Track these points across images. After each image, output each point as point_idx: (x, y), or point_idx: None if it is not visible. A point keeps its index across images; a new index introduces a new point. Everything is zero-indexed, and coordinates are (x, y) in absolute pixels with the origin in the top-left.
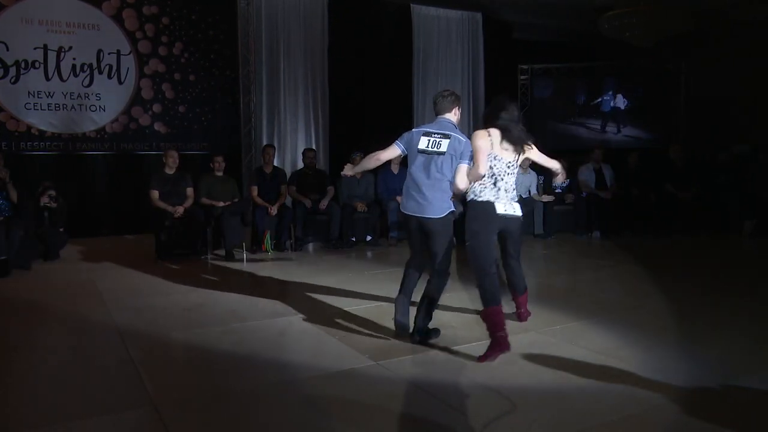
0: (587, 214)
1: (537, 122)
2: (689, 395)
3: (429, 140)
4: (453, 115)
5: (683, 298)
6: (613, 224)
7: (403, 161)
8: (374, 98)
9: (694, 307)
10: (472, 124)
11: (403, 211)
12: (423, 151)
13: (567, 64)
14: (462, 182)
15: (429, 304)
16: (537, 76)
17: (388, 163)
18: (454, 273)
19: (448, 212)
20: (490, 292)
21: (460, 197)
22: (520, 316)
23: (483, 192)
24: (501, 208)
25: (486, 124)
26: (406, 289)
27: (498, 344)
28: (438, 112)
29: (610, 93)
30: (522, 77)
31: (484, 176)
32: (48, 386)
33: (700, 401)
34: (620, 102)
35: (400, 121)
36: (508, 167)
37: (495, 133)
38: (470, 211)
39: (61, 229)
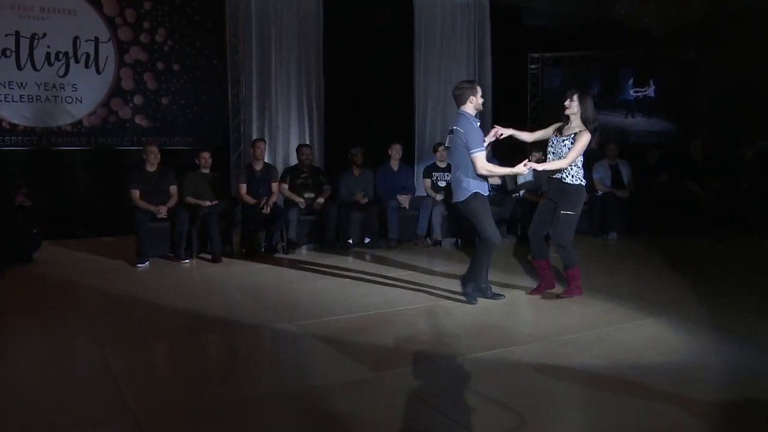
0: (602, 214)
1: (548, 115)
2: (710, 409)
3: (448, 138)
4: (468, 105)
5: (705, 304)
6: (630, 225)
7: (405, 158)
8: (373, 90)
9: (717, 313)
10: (479, 116)
11: None
12: (446, 148)
13: (580, 53)
14: (480, 170)
15: (472, 266)
16: (548, 65)
17: (388, 160)
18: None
19: (468, 196)
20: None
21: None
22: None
23: (581, 178)
24: None
25: (588, 125)
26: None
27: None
28: (457, 105)
29: (630, 83)
30: (532, 67)
31: (566, 167)
32: (22, 399)
33: (721, 416)
34: (635, 95)
35: (400, 114)
36: None
37: None
38: (577, 193)
39: (35, 231)
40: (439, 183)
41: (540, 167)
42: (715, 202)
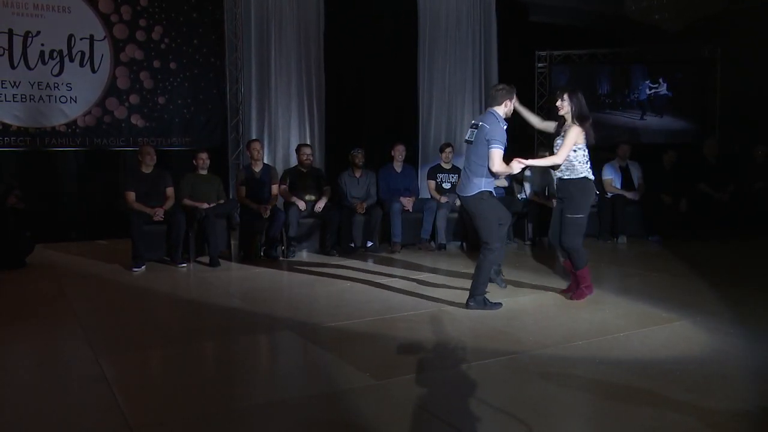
0: (612, 217)
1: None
2: (726, 419)
3: (469, 132)
4: (501, 107)
5: (720, 308)
6: (641, 228)
7: (407, 159)
8: (375, 88)
9: (733, 318)
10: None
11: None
12: (466, 141)
13: (589, 51)
14: (496, 166)
15: (475, 282)
16: (556, 63)
17: (391, 160)
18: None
19: (476, 192)
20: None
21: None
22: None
23: (586, 173)
24: None
25: (584, 121)
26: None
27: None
28: (488, 104)
29: (647, 82)
30: (539, 65)
31: (560, 165)
32: (13, 408)
33: (737, 426)
34: (648, 93)
35: (403, 113)
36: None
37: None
38: (582, 190)
39: (28, 234)
40: (444, 185)
41: (528, 163)
42: (728, 204)
